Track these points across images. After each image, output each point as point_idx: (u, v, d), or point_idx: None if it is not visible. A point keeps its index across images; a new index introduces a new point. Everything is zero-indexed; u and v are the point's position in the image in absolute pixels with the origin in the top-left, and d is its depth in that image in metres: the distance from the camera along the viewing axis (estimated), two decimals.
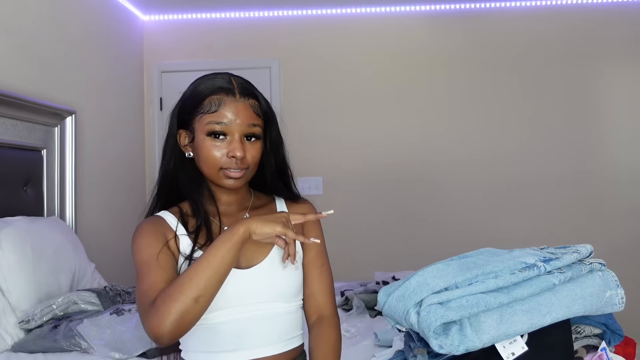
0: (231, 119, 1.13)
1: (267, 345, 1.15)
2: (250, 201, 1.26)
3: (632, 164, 3.69)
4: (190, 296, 0.99)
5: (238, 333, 1.13)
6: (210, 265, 1.02)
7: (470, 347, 0.89)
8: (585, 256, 1.06)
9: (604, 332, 1.08)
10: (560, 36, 3.72)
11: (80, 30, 2.98)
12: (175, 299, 0.99)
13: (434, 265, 0.99)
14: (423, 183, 3.74)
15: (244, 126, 1.15)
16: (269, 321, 1.16)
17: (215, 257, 1.03)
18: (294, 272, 1.21)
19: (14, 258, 1.96)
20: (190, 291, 1.00)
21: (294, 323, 1.21)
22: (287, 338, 1.19)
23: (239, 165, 1.14)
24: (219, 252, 1.03)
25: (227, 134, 1.14)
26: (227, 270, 1.04)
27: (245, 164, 1.15)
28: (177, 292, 1.00)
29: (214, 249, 1.03)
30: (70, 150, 2.72)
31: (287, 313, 1.20)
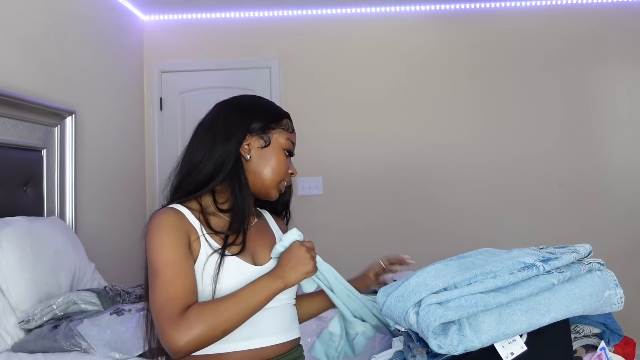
0: (295, 144, 1.34)
1: (277, 334, 1.24)
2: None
3: (631, 164, 3.69)
4: (223, 329, 1.09)
5: (253, 323, 1.18)
6: (250, 308, 1.12)
7: (469, 347, 0.89)
8: (584, 256, 1.06)
9: (603, 332, 1.08)
10: (561, 37, 3.72)
11: (80, 30, 2.98)
12: (212, 327, 1.07)
13: (433, 266, 0.99)
14: (423, 183, 3.74)
15: (294, 153, 1.35)
16: (279, 312, 1.25)
17: (257, 303, 1.13)
18: None
19: (14, 258, 1.96)
20: (226, 324, 1.09)
21: (293, 315, 1.32)
22: (292, 328, 1.29)
23: (290, 183, 1.35)
24: (261, 298, 1.13)
25: (291, 154, 1.33)
26: (256, 312, 1.15)
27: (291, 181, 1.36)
28: (215, 321, 1.07)
29: (256, 294, 1.13)
30: (70, 150, 2.72)
31: (290, 305, 1.31)
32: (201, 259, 1.17)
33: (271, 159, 1.27)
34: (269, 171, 1.27)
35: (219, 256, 1.17)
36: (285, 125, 1.31)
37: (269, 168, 1.27)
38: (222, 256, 1.17)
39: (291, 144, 1.31)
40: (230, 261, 1.19)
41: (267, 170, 1.27)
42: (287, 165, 1.30)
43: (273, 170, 1.27)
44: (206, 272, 1.16)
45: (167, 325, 1.05)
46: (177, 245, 1.14)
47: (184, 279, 1.11)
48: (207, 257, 1.17)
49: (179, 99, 3.83)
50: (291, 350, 1.27)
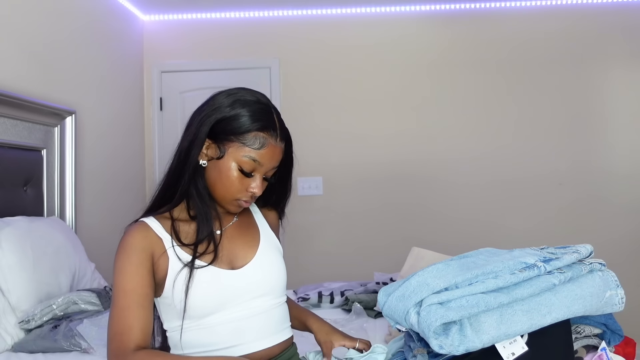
0: (266, 161, 1.16)
1: (264, 339, 1.20)
2: None
3: (632, 163, 3.69)
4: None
5: (236, 330, 1.16)
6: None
7: (471, 347, 0.89)
8: (585, 256, 1.06)
9: (604, 332, 1.08)
10: (561, 36, 3.72)
11: (80, 30, 2.98)
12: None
13: (434, 266, 0.99)
14: (423, 183, 3.74)
15: (270, 169, 1.19)
16: (264, 315, 1.20)
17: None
18: (282, 267, 1.27)
19: (14, 258, 1.96)
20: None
21: (283, 315, 1.27)
22: (280, 329, 1.24)
23: (252, 200, 1.20)
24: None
25: (255, 171, 1.17)
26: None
27: (255, 199, 1.21)
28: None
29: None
30: (70, 150, 2.72)
31: (278, 306, 1.25)
32: (171, 274, 1.13)
33: (224, 175, 1.15)
34: (221, 187, 1.16)
35: (189, 269, 1.12)
36: (249, 140, 1.13)
37: (221, 184, 1.16)
38: (192, 269, 1.12)
39: (251, 161, 1.14)
40: (202, 271, 1.14)
41: (218, 184, 1.17)
42: (238, 184, 1.15)
43: (224, 187, 1.16)
44: (176, 287, 1.12)
45: (110, 357, 1.07)
46: (136, 272, 1.10)
47: (136, 312, 1.08)
48: (176, 272, 1.13)
49: (179, 99, 3.83)
50: (283, 352, 1.24)
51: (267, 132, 1.15)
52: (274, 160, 1.18)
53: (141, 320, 1.08)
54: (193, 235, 1.17)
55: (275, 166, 1.19)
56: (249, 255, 1.22)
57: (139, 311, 1.09)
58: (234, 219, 1.26)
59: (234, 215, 1.27)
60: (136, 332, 1.07)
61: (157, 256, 1.14)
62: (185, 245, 1.16)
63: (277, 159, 1.18)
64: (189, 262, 1.13)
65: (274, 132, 1.17)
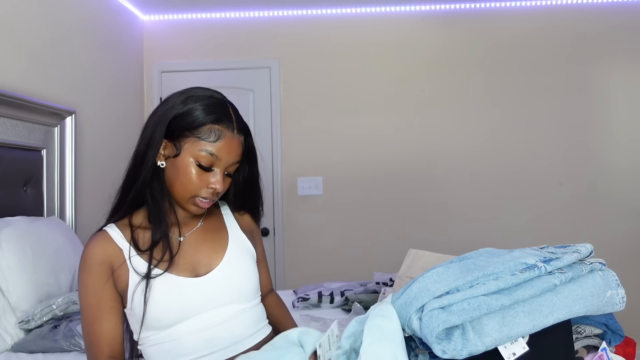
0: (224, 154, 1.13)
1: (236, 344, 1.16)
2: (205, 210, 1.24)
3: (632, 163, 3.69)
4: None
5: (206, 339, 1.13)
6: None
7: (474, 350, 0.89)
8: (585, 256, 1.06)
9: (604, 332, 1.08)
10: (560, 36, 3.72)
11: (80, 30, 2.98)
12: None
13: (434, 269, 0.98)
14: (423, 183, 3.74)
15: (230, 162, 1.15)
16: (233, 321, 1.17)
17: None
18: (250, 271, 1.22)
19: (14, 258, 1.96)
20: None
21: (257, 316, 1.23)
22: (254, 331, 1.21)
23: (212, 196, 1.15)
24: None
25: (213, 166, 1.14)
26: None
27: (217, 196, 1.16)
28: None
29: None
30: (70, 150, 2.72)
31: (249, 309, 1.21)
32: (131, 286, 1.12)
33: (181, 172, 1.12)
34: (179, 185, 1.13)
35: (145, 280, 1.10)
36: (204, 133, 1.11)
37: (179, 182, 1.13)
38: (147, 278, 1.10)
39: (207, 155, 1.11)
40: (161, 280, 1.11)
41: (177, 184, 1.13)
42: (196, 180, 1.12)
43: (182, 184, 1.13)
44: (135, 298, 1.11)
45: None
46: (98, 287, 1.10)
47: (101, 326, 1.10)
48: (136, 283, 1.11)
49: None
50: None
51: (222, 124, 1.13)
52: (233, 154, 1.14)
53: (108, 332, 1.09)
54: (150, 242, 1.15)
55: (237, 161, 1.16)
56: (214, 261, 1.18)
57: (105, 324, 1.10)
58: (199, 224, 1.22)
59: (199, 221, 1.23)
60: (103, 345, 1.09)
61: (116, 267, 1.12)
62: (142, 252, 1.13)
63: (235, 152, 1.15)
64: (144, 274, 1.11)
65: (229, 124, 1.14)
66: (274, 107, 3.74)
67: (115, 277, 1.13)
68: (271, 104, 3.75)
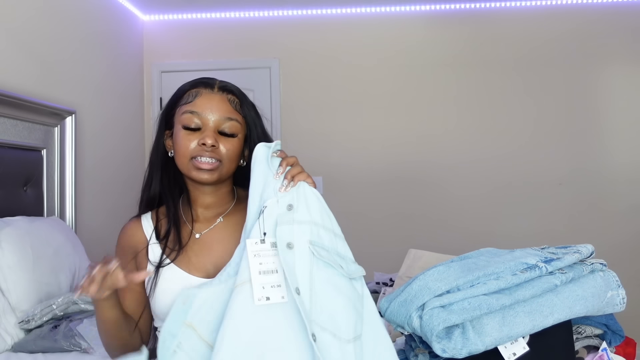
0: (205, 109, 1.12)
1: None
2: (231, 205, 1.21)
3: (632, 163, 3.69)
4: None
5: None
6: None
7: (473, 350, 0.89)
8: (586, 256, 1.06)
9: (604, 333, 1.08)
10: (560, 36, 3.72)
11: (80, 30, 2.98)
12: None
13: (435, 268, 0.98)
14: (423, 183, 3.73)
15: (218, 119, 1.13)
16: None
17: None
18: None
19: (14, 258, 1.96)
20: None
21: None
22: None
23: (210, 155, 1.11)
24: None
25: (202, 125, 1.12)
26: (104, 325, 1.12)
27: (217, 154, 1.12)
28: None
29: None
30: (70, 150, 2.71)
31: None
32: (149, 268, 1.14)
33: (175, 143, 1.14)
34: (177, 156, 1.14)
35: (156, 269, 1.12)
36: (184, 99, 1.15)
37: (176, 153, 1.14)
38: (157, 268, 1.12)
39: (188, 114, 1.12)
40: (172, 274, 1.12)
41: (176, 156, 1.15)
42: (187, 141, 1.11)
43: (177, 152, 1.13)
44: (147, 287, 1.14)
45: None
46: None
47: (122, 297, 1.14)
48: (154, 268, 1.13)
49: None
50: None
51: (200, 86, 1.16)
52: (215, 109, 1.13)
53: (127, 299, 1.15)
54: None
55: (225, 116, 1.13)
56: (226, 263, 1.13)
57: (129, 306, 1.15)
58: (218, 221, 1.18)
59: (218, 217, 1.18)
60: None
61: (139, 255, 1.16)
62: (158, 241, 1.16)
63: (217, 106, 1.13)
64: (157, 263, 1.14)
65: (207, 84, 1.16)
66: (274, 107, 3.74)
67: (138, 263, 1.16)
68: (271, 104, 3.75)
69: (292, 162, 1.06)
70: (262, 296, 0.93)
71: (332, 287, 0.96)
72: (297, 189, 1.02)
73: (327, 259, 0.98)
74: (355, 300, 0.98)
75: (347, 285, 0.98)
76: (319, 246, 0.99)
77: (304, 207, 1.01)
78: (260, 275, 0.95)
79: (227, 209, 1.20)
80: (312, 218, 1.01)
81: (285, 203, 1.01)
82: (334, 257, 0.99)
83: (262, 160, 1.05)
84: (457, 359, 0.91)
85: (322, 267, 0.96)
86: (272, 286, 0.94)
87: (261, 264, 0.96)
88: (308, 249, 0.97)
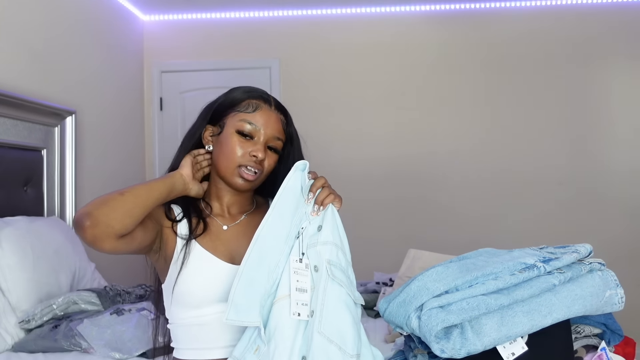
0: (262, 124, 1.20)
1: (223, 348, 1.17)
2: (252, 208, 1.29)
3: (631, 163, 3.69)
4: (116, 191, 1.09)
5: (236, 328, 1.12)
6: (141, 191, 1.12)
7: (472, 350, 0.89)
8: (584, 256, 1.06)
9: (603, 332, 1.08)
10: (560, 36, 3.72)
11: (80, 30, 2.98)
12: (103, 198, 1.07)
13: (433, 268, 0.99)
14: (423, 183, 3.74)
15: (270, 135, 1.21)
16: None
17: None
18: None
19: (14, 258, 1.96)
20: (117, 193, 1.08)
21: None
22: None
23: (256, 166, 1.19)
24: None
25: (254, 136, 1.20)
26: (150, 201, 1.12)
27: (261, 167, 1.20)
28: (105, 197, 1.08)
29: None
30: (70, 150, 2.72)
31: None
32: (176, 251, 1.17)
33: (225, 144, 1.19)
34: (224, 157, 1.19)
35: (184, 242, 1.17)
36: (243, 107, 1.21)
37: (223, 155, 1.19)
38: (188, 241, 1.16)
39: (246, 124, 1.18)
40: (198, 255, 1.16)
41: (222, 157, 1.20)
42: (238, 148, 1.18)
43: (226, 155, 1.19)
44: (178, 258, 1.16)
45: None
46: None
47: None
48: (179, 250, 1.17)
49: (179, 99, 3.82)
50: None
51: (260, 99, 1.23)
52: (271, 126, 1.21)
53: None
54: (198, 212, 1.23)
55: (276, 136, 1.21)
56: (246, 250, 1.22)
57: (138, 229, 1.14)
58: (243, 217, 1.25)
59: (243, 214, 1.26)
60: None
61: (168, 229, 1.19)
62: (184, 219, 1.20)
63: (274, 125, 1.22)
64: (185, 235, 1.17)
65: (267, 99, 1.24)
66: None
67: (166, 237, 1.19)
68: None
69: (321, 185, 1.12)
70: (296, 312, 1.03)
71: (342, 305, 1.04)
72: (325, 210, 1.11)
73: (339, 280, 1.05)
74: (358, 321, 1.06)
75: (354, 306, 1.07)
76: (335, 266, 1.07)
77: (329, 228, 1.11)
78: (296, 292, 1.04)
79: (249, 210, 1.28)
80: (334, 239, 1.11)
81: (316, 224, 1.10)
82: (346, 279, 1.07)
83: (295, 181, 1.12)
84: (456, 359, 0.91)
85: (336, 286, 1.05)
86: (302, 304, 1.03)
87: (298, 281, 1.05)
88: (325, 268, 1.05)
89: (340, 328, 1.02)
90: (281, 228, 1.08)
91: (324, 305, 1.03)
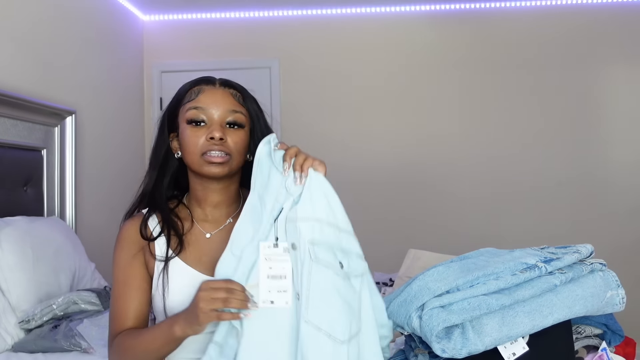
0: (209, 103, 1.13)
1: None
2: (239, 205, 1.20)
3: (632, 163, 3.69)
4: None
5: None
6: (149, 351, 1.07)
7: (473, 350, 0.89)
8: (585, 256, 1.06)
9: (604, 333, 1.08)
10: (560, 37, 3.72)
11: (80, 30, 2.98)
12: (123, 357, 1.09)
13: (434, 268, 0.98)
14: (424, 183, 3.73)
15: (223, 112, 1.14)
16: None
17: (155, 347, 1.06)
18: None
19: (14, 258, 1.96)
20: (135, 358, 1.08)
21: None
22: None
23: (220, 148, 1.11)
24: (158, 344, 1.06)
25: (207, 120, 1.13)
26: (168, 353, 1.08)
27: (226, 148, 1.11)
28: (127, 352, 1.08)
29: (155, 339, 1.06)
30: (70, 150, 2.71)
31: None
32: (156, 271, 1.13)
33: (183, 141, 1.14)
34: (187, 154, 1.13)
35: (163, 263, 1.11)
36: (187, 97, 1.16)
37: (185, 152, 1.14)
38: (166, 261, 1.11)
39: (192, 110, 1.12)
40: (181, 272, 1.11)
41: (185, 154, 1.14)
42: (195, 137, 1.11)
43: (187, 150, 1.13)
44: (159, 283, 1.12)
45: (109, 342, 1.13)
46: (129, 265, 1.13)
47: (126, 301, 1.12)
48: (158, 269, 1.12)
49: None
50: None
51: (201, 84, 1.17)
52: (219, 102, 1.14)
53: (133, 308, 1.12)
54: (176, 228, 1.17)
55: (231, 109, 1.14)
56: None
57: (130, 301, 1.12)
58: (227, 221, 1.18)
59: (228, 218, 1.19)
60: (124, 319, 1.11)
61: (146, 250, 1.15)
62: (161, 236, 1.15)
63: (222, 100, 1.15)
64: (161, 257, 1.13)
65: (209, 81, 1.18)
66: (274, 107, 3.74)
67: (147, 259, 1.15)
68: (271, 104, 3.75)
69: (294, 153, 1.03)
70: (267, 299, 0.96)
71: (329, 288, 0.96)
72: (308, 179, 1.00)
73: (325, 261, 0.97)
74: (352, 300, 0.98)
75: (345, 285, 0.98)
76: (319, 245, 0.98)
77: (307, 201, 1.00)
78: (268, 280, 0.97)
79: (236, 210, 1.19)
80: (315, 214, 0.99)
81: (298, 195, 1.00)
82: (333, 256, 0.99)
83: (264, 156, 1.05)
84: (457, 359, 0.91)
85: (321, 269, 0.97)
86: (278, 291, 0.96)
87: (271, 268, 0.97)
88: (308, 250, 0.97)
89: (329, 314, 0.94)
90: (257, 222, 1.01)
91: (310, 291, 0.95)
